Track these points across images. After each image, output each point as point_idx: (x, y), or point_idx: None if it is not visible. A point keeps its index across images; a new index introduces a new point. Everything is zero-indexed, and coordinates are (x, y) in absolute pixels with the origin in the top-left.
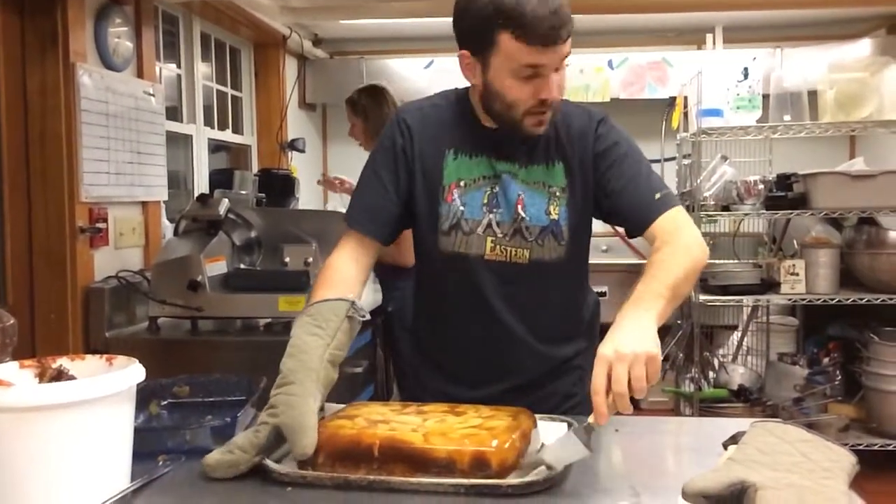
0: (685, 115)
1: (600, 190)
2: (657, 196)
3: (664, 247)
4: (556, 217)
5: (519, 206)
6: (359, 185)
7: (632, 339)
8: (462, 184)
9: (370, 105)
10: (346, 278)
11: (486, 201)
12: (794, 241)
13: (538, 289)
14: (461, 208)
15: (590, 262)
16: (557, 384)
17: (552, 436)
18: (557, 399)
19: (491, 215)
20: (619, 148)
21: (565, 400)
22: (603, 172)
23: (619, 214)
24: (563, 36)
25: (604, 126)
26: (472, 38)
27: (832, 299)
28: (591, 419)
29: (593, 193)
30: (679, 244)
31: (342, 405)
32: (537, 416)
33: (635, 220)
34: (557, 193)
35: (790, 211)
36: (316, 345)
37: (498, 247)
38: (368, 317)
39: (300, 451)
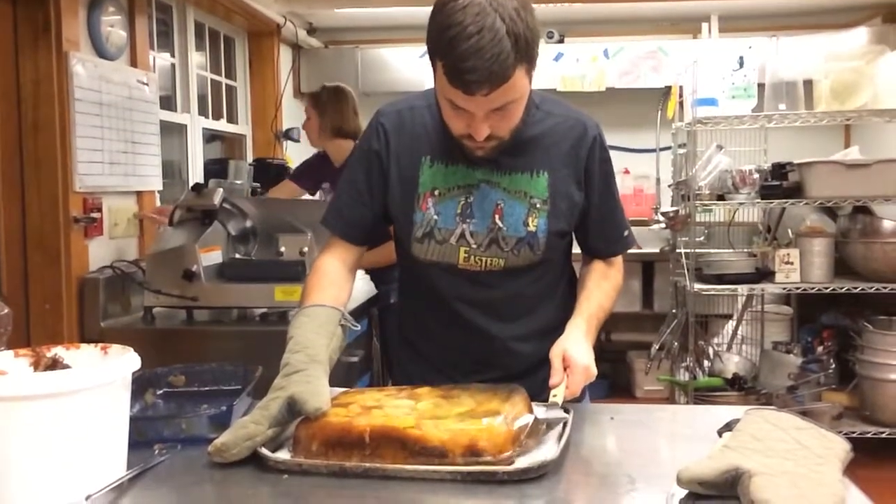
0: (680, 104)
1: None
2: (625, 233)
3: (611, 272)
4: (533, 229)
5: (496, 216)
6: (337, 186)
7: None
8: (437, 193)
9: (330, 102)
10: (335, 281)
11: (459, 211)
12: (789, 231)
13: (513, 291)
14: (435, 217)
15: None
16: (538, 375)
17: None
18: (537, 388)
19: (464, 225)
20: (608, 173)
21: (545, 388)
22: (586, 190)
23: (586, 233)
24: (483, 90)
25: (598, 143)
26: (427, 47)
27: (826, 288)
28: (552, 398)
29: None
30: (620, 277)
31: (340, 389)
32: (533, 403)
33: (601, 246)
34: (538, 205)
35: (785, 200)
36: (320, 342)
37: (472, 257)
38: (359, 327)
39: (313, 408)
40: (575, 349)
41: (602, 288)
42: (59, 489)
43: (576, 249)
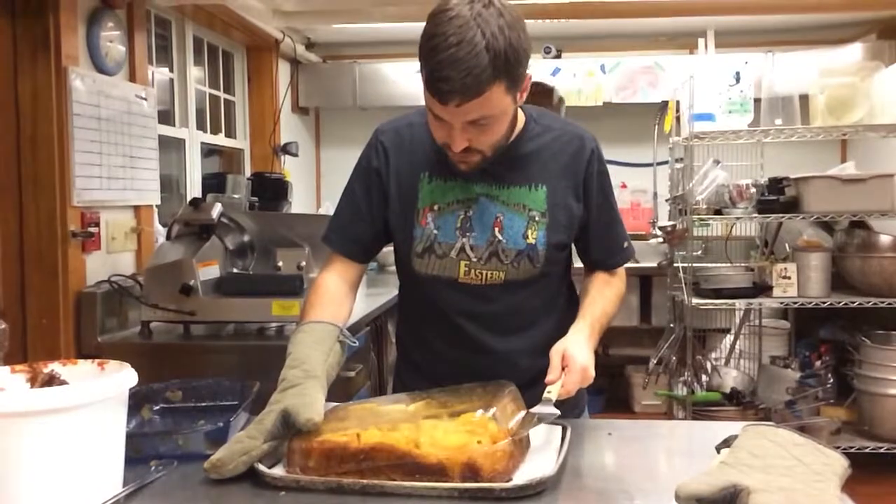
0: (677, 119)
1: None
2: (625, 245)
3: (613, 280)
4: (532, 241)
5: (496, 229)
6: (337, 204)
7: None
8: (436, 207)
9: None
10: (335, 298)
11: (459, 225)
12: (786, 245)
13: (513, 306)
14: (435, 232)
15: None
16: (538, 389)
17: (544, 438)
18: (536, 401)
19: (464, 239)
20: (606, 185)
21: None
22: (585, 203)
23: (588, 246)
24: (455, 100)
25: (596, 156)
26: None
27: (824, 302)
28: (546, 394)
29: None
30: (622, 285)
31: (335, 403)
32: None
33: (602, 258)
34: (537, 218)
35: (782, 214)
36: (317, 358)
37: (472, 271)
38: (357, 343)
39: (305, 419)
40: (575, 349)
41: (605, 295)
42: None
43: (576, 264)
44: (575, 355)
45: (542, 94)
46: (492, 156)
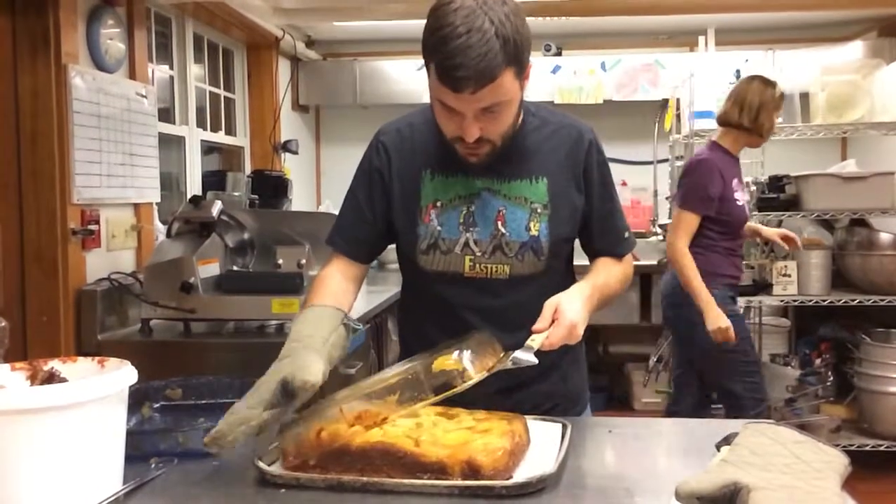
0: (678, 116)
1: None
2: (626, 235)
3: (620, 263)
4: (535, 233)
5: (499, 223)
6: (341, 206)
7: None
8: (439, 204)
9: (744, 91)
10: (337, 291)
11: (462, 220)
12: None
13: (519, 301)
14: (438, 228)
15: (576, 262)
16: (540, 385)
17: (544, 436)
18: (539, 398)
19: (468, 234)
20: (605, 175)
21: (546, 399)
22: (586, 194)
23: (590, 237)
24: (469, 87)
25: (595, 147)
26: (422, 52)
27: (824, 300)
28: (528, 342)
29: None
30: (629, 269)
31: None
32: (531, 417)
33: (605, 249)
34: (539, 210)
35: (782, 212)
36: (318, 335)
37: (477, 265)
38: (361, 327)
39: (301, 382)
40: (569, 305)
41: (610, 271)
42: (55, 503)
43: (579, 261)
44: (567, 311)
45: (765, 87)
46: (500, 146)
